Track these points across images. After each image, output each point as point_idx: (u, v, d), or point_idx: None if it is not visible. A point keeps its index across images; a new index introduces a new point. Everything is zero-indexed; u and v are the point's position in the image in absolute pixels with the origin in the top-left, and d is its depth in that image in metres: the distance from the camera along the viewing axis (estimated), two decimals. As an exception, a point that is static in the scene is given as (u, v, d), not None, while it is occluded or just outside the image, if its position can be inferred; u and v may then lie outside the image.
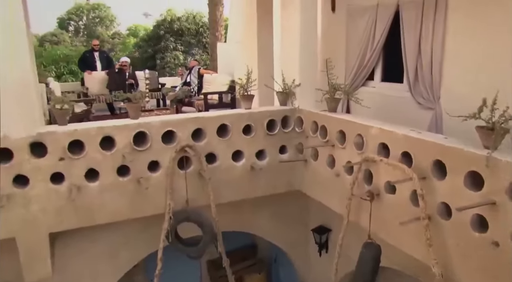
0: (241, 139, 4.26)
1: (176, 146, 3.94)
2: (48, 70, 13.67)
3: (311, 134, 4.31)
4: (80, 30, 26.73)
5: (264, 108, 4.49)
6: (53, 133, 3.52)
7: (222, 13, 14.01)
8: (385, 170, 3.28)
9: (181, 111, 9.14)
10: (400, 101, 4.86)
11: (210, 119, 4.10)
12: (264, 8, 5.57)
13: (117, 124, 3.75)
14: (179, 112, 8.91)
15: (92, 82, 9.05)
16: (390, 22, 4.81)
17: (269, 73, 4.98)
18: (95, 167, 3.70)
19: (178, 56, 20.10)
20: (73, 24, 26.97)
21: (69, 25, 26.81)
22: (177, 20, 20.40)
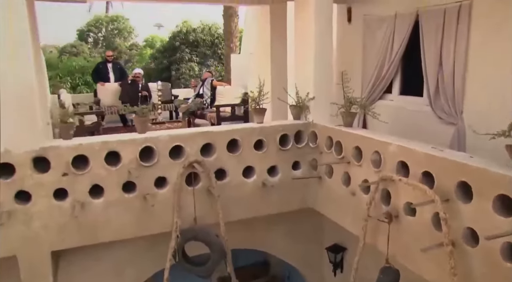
0: (252, 155, 4.10)
1: (184, 161, 3.81)
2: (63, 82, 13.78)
3: (326, 150, 4.13)
4: (99, 41, 27.18)
5: (277, 123, 4.33)
6: (56, 148, 3.41)
7: (237, 24, 13.98)
8: (405, 190, 3.08)
9: (193, 123, 9.06)
10: (419, 116, 4.66)
11: (220, 134, 3.96)
12: (277, 19, 5.44)
13: (123, 139, 3.64)
14: (191, 124, 8.82)
15: (104, 94, 9.04)
16: (409, 32, 4.63)
17: (283, 86, 4.83)
18: (99, 183, 3.58)
19: (193, 67, 20.10)
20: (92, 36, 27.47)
21: (89, 37, 27.29)
22: (192, 32, 20.41)
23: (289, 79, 5.38)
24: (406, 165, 3.11)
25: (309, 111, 4.36)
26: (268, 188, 4.20)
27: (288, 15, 5.39)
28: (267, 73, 5.53)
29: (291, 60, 5.33)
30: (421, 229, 2.98)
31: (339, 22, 5.68)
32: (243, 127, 4.11)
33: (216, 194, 3.86)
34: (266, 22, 5.44)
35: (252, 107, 4.27)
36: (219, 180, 3.99)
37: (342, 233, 4.41)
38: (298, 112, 4.44)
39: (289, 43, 5.40)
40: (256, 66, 6.14)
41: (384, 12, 4.97)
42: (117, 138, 3.65)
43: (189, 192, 3.87)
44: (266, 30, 5.49)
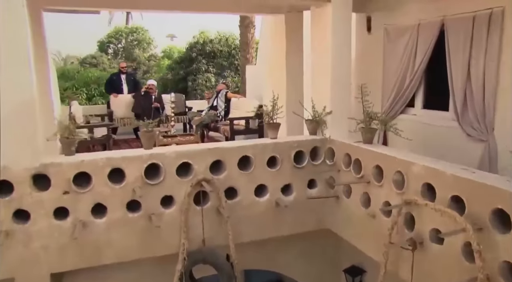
0: (265, 173, 3.89)
1: (192, 179, 3.62)
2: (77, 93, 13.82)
3: (344, 168, 3.89)
4: (118, 52, 27.68)
5: (292, 138, 4.12)
6: (57, 164, 3.26)
7: (253, 35, 13.87)
8: (431, 215, 2.82)
9: (207, 136, 8.89)
10: (445, 132, 4.37)
11: (230, 151, 3.77)
12: (293, 29, 5.25)
13: (128, 155, 3.47)
14: (205, 137, 8.66)
15: (117, 105, 8.96)
16: (433, 42, 4.37)
17: (298, 99, 4.61)
18: (102, 202, 3.41)
19: (210, 78, 20.08)
20: (112, 47, 28.04)
21: (109, 48, 27.85)
22: (209, 42, 20.43)
23: (305, 92, 5.17)
24: (433, 187, 2.85)
25: (326, 126, 4.14)
26: (281, 208, 3.97)
27: (305, 24, 5.19)
28: (282, 86, 5.33)
29: (307, 72, 5.12)
30: (449, 259, 2.71)
31: (358, 32, 5.45)
32: (255, 143, 3.90)
33: (225, 215, 3.65)
34: (281, 32, 5.25)
35: (266, 121, 4.07)
36: (229, 199, 3.79)
37: (361, 254, 4.13)
38: (315, 128, 4.22)
39: (306, 54, 5.19)
40: (271, 78, 5.95)
41: (406, 21, 4.73)
42: (121, 154, 3.48)
43: (197, 211, 3.68)
44: (281, 40, 5.30)
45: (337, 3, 3.93)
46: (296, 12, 5.10)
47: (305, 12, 5.08)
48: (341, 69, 4.09)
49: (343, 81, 4.12)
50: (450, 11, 4.16)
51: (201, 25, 32.71)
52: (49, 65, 4.46)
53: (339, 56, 4.05)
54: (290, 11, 5.08)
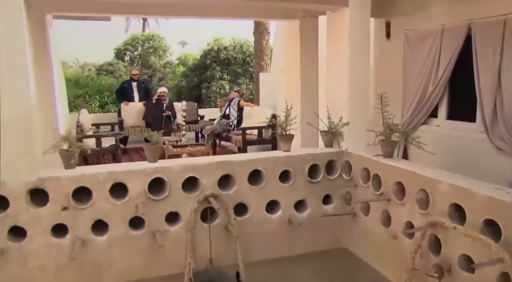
0: (277, 188, 3.67)
1: (199, 195, 3.42)
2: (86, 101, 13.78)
3: (362, 183, 3.64)
4: (135, 59, 28.01)
5: (306, 151, 3.89)
6: (56, 179, 3.10)
7: (268, 41, 13.72)
8: (460, 239, 2.55)
9: (219, 145, 8.71)
10: (472, 145, 4.09)
11: (240, 164, 3.56)
12: (308, 35, 5.03)
13: (130, 169, 3.28)
14: (216, 147, 8.47)
15: (128, 114, 8.84)
16: (459, 48, 4.11)
17: (313, 109, 4.39)
18: (103, 218, 3.23)
19: (224, 85, 19.99)
20: (128, 54, 28.46)
21: (125, 55, 28.15)
22: (224, 49, 20.37)
23: (321, 102, 4.93)
24: (462, 208, 2.58)
25: (342, 138, 3.91)
26: (294, 225, 3.74)
27: (320, 30, 4.97)
28: (297, 95, 5.11)
29: (323, 80, 4.89)
30: (482, 290, 2.44)
31: (376, 38, 5.21)
32: (267, 156, 3.68)
33: (234, 233, 3.42)
34: (296, 39, 5.04)
35: (278, 133, 3.86)
36: (239, 215, 3.58)
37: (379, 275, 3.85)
38: (330, 139, 3.99)
39: (321, 62, 4.97)
40: (285, 86, 5.74)
41: (428, 26, 4.48)
42: (124, 168, 3.30)
43: (204, 229, 3.47)
44: (295, 47, 5.09)
45: (355, 7, 3.72)
46: (310, 17, 4.89)
47: (320, 17, 4.88)
48: (359, 78, 3.86)
49: (361, 90, 3.89)
50: (477, 15, 3.90)
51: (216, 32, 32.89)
52: (53, 72, 4.32)
53: (357, 64, 3.82)
54: (304, 16, 4.87)
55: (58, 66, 6.32)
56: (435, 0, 4.34)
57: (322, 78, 4.99)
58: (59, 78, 6.10)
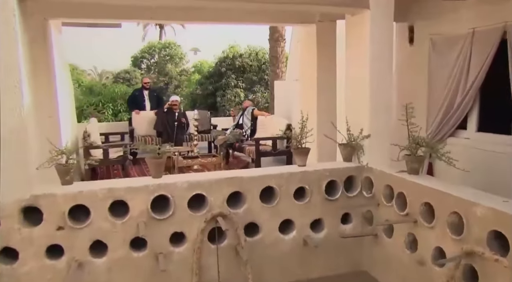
0: (291, 206, 3.41)
1: (207, 214, 3.17)
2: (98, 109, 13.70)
3: (384, 202, 3.35)
4: (151, 67, 28.30)
5: (323, 166, 3.61)
6: (50, 196, 2.88)
7: (283, 48, 13.49)
8: (502, 272, 2.24)
9: (232, 156, 8.46)
10: (506, 160, 3.75)
11: (251, 181, 3.30)
12: (325, 40, 4.76)
13: (132, 186, 3.05)
14: (229, 158, 8.22)
15: (139, 123, 8.67)
16: (492, 54, 3.79)
17: (330, 120, 4.11)
18: (102, 239, 3.00)
19: (239, 93, 19.85)
20: (145, 62, 28.92)
21: (142, 63, 28.50)
22: (239, 57, 20.25)
23: (339, 112, 4.65)
24: (504, 236, 2.27)
25: (363, 152, 3.63)
26: (310, 247, 3.46)
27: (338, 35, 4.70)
28: (313, 104, 4.83)
29: (341, 89, 4.61)
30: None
31: (398, 43, 4.91)
32: (281, 172, 3.41)
33: (245, 255, 3.16)
34: (312, 44, 4.77)
35: (293, 146, 3.59)
36: (249, 236, 3.33)
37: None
38: (350, 153, 3.71)
39: (339, 69, 4.69)
40: (300, 95, 5.47)
41: (457, 30, 4.17)
42: (125, 184, 3.07)
43: (212, 251, 3.23)
44: (311, 53, 4.82)
45: (377, 10, 3.45)
46: (328, 21, 4.63)
47: (338, 21, 4.61)
48: (381, 86, 3.58)
49: (383, 100, 3.61)
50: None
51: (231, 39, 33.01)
52: (55, 80, 4.14)
53: (379, 71, 3.55)
54: (321, 20, 4.61)
55: (65, 74, 6.17)
56: (464, 2, 4.03)
57: (340, 87, 4.72)
58: (66, 87, 5.96)
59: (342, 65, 4.33)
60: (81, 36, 58.82)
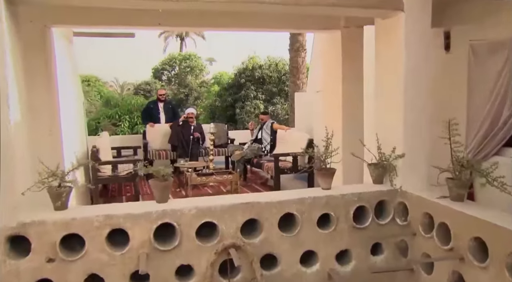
0: (314, 235, 3.03)
1: (218, 244, 2.81)
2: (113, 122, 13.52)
3: (422, 232, 2.93)
4: (172, 79, 28.79)
5: (350, 189, 3.21)
6: (40, 224, 2.56)
7: (304, 59, 13.19)
8: None
9: (251, 171, 8.09)
10: None
11: (269, 207, 2.93)
12: (351, 48, 4.37)
13: (133, 213, 2.71)
14: (247, 174, 7.85)
15: (153, 136, 8.38)
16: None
17: (358, 137, 3.71)
18: (98, 272, 2.67)
19: (258, 105, 19.62)
20: (166, 74, 29.39)
21: (162, 75, 29.08)
22: (258, 68, 20.09)
23: (367, 128, 4.24)
24: None
25: (396, 173, 3.22)
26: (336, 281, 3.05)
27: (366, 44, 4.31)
28: (337, 119, 4.44)
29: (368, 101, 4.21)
30: None
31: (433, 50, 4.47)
32: (302, 196, 3.03)
33: (260, 293, 2.77)
34: (337, 53, 4.39)
35: (317, 167, 3.21)
36: (267, 269, 2.95)
37: None
38: (381, 175, 3.31)
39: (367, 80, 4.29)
40: (323, 108, 5.08)
41: (501, 35, 3.74)
42: (124, 210, 2.73)
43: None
44: (336, 63, 4.45)
45: (413, 12, 3.07)
46: (355, 27, 4.25)
47: (366, 27, 4.23)
48: (418, 99, 3.18)
49: (420, 114, 3.21)
50: None
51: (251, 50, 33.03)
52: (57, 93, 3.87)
53: (415, 82, 3.15)
54: (347, 26, 4.24)
55: (75, 86, 5.95)
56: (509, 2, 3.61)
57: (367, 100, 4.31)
58: (73, 100, 5.72)
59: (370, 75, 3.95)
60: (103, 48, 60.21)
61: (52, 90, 3.74)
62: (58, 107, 3.86)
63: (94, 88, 27.45)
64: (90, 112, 23.16)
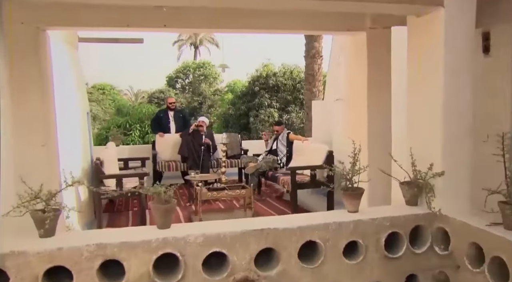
0: (340, 266, 2.64)
1: (228, 278, 2.44)
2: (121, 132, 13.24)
3: (469, 265, 2.51)
4: (185, 87, 29.01)
5: (381, 212, 2.81)
6: (21, 255, 2.21)
7: (320, 66, 12.79)
8: None
9: (265, 184, 7.68)
10: None
11: (287, 234, 2.55)
12: (378, 52, 3.96)
13: (130, 241, 2.34)
14: (262, 188, 7.45)
15: (163, 146, 8.02)
16: None
17: (386, 150, 3.30)
18: (89, 312, 2.29)
19: (273, 113, 19.33)
20: (180, 82, 29.52)
21: (176, 83, 29.38)
22: (273, 76, 19.82)
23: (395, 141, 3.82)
24: None
25: (433, 194, 2.82)
26: (365, 320, 2.65)
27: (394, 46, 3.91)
28: (362, 130, 4.02)
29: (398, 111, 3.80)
30: None
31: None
32: (326, 221, 2.63)
33: None
34: (361, 57, 3.99)
35: (343, 187, 2.81)
36: (284, 306, 2.53)
37: None
38: (415, 195, 2.91)
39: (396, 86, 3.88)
40: (346, 118, 4.68)
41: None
42: (120, 238, 2.36)
43: (234, 327, 2.45)
44: (360, 68, 4.04)
45: (454, 8, 2.67)
46: (382, 28, 3.86)
47: (395, 28, 3.84)
48: (460, 108, 2.78)
49: (462, 125, 2.81)
50: None
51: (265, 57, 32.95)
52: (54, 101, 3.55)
53: (457, 88, 2.75)
54: (373, 27, 3.84)
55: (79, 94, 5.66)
56: None
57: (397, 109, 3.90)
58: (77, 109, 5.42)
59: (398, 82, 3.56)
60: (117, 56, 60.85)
61: (48, 99, 3.41)
62: (54, 117, 3.54)
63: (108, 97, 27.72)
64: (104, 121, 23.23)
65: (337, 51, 7.17)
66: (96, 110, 25.29)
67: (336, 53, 7.47)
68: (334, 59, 7.49)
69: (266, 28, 3.88)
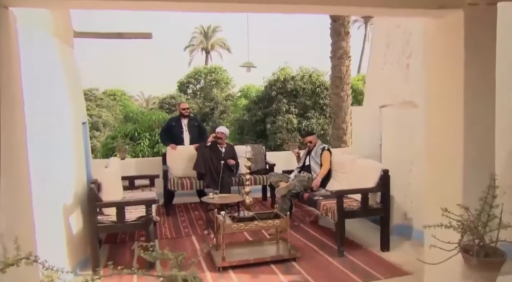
0: None
1: None
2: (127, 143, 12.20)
3: None
4: (197, 92, 29.12)
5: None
6: None
7: (349, 68, 11.79)
8: None
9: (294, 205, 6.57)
10: None
11: None
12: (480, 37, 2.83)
13: None
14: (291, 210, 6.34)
15: (176, 161, 6.90)
16: None
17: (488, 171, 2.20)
18: None
19: (291, 119, 18.43)
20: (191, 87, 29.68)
21: (188, 88, 29.53)
22: (291, 80, 18.97)
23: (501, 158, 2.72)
24: None
25: None
26: None
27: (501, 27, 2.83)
28: (455, 146, 2.90)
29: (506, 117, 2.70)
30: None
31: None
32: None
33: None
34: (454, 45, 2.87)
35: (472, 249, 1.75)
36: None
37: None
38: None
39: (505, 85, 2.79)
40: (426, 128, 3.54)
41: None
42: None
43: None
44: (452, 59, 2.91)
45: None
46: (485, 4, 2.78)
47: (501, 4, 2.76)
48: None
49: None
50: None
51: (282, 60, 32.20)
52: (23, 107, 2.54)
53: None
54: (474, 2, 2.76)
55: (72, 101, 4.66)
56: None
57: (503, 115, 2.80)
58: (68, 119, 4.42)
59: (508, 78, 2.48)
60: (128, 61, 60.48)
61: (14, 104, 2.40)
62: (22, 128, 2.52)
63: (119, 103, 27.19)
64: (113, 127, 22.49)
65: (381, 46, 6.07)
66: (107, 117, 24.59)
67: (376, 49, 6.38)
68: (376, 57, 6.39)
69: (336, 4, 2.84)
